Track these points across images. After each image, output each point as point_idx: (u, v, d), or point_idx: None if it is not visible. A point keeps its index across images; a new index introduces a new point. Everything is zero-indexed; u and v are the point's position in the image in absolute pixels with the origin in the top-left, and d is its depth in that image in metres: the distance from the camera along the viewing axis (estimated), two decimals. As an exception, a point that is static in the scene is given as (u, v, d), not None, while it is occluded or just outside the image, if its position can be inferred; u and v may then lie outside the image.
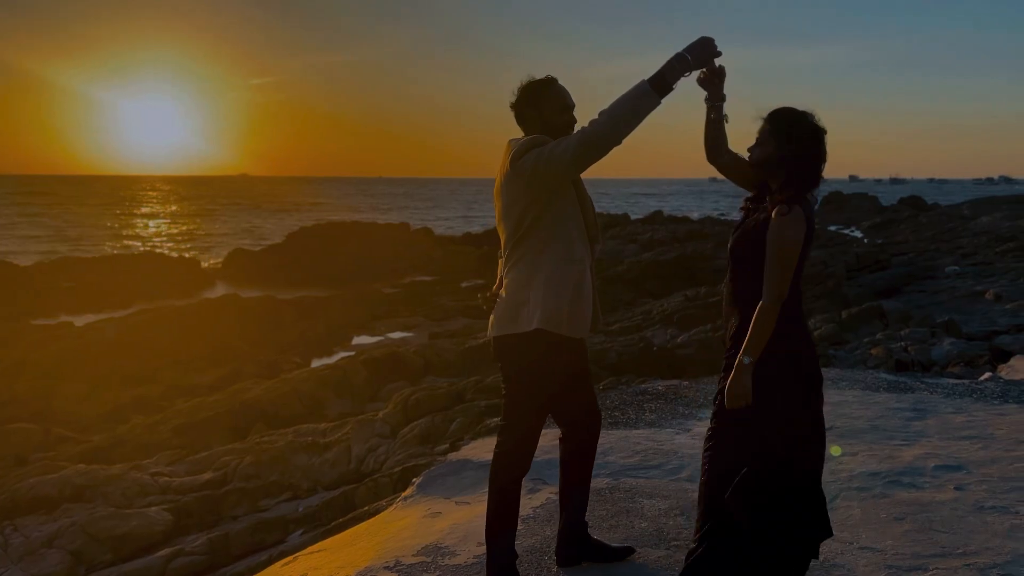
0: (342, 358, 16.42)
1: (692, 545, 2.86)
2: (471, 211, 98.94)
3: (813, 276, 20.79)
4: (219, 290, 28.68)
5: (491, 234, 44.00)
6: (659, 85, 2.86)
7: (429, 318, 22.92)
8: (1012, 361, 7.92)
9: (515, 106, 3.23)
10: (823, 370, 7.41)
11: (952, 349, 12.10)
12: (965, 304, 18.35)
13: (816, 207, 2.88)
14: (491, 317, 3.27)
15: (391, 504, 5.24)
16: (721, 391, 2.80)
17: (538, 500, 4.39)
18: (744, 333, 2.74)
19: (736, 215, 3.02)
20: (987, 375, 7.01)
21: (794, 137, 2.76)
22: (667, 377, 9.02)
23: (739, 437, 2.76)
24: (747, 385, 2.69)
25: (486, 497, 4.84)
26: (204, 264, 36.56)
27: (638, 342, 11.06)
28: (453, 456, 5.56)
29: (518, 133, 3.25)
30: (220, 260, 38.07)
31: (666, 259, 26.19)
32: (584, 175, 3.21)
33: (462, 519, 4.39)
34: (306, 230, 38.09)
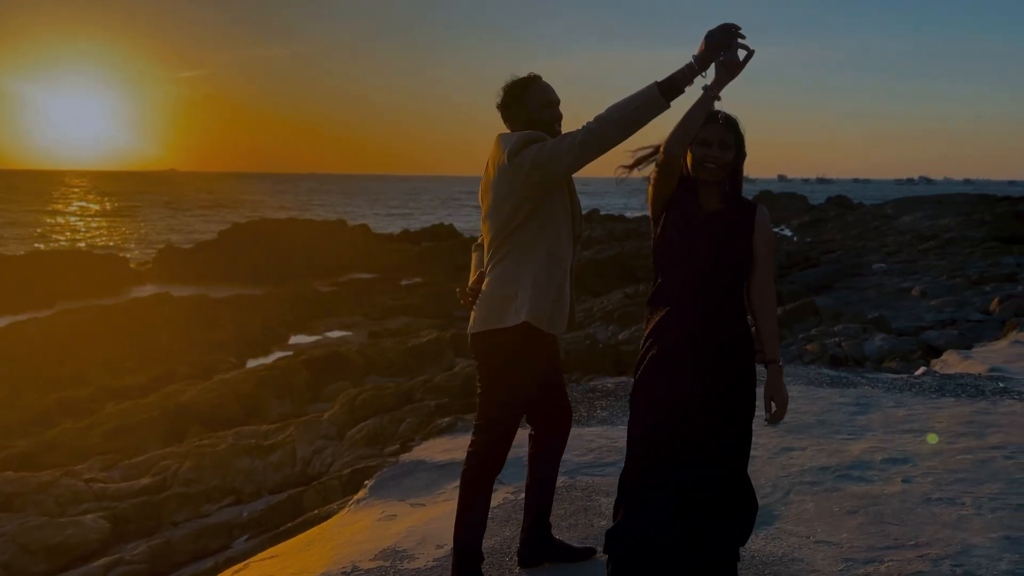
0: (280, 358, 16.12)
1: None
2: (408, 208, 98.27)
3: (748, 273, 21.17)
4: (149, 289, 27.83)
5: (429, 232, 43.76)
6: (668, 88, 2.81)
7: (368, 317, 22.65)
8: (944, 356, 8.19)
9: (501, 106, 3.24)
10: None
11: (883, 345, 12.46)
12: (892, 301, 18.94)
13: None
14: (472, 313, 3.23)
15: (343, 507, 5.15)
16: (718, 395, 2.80)
17: (496, 500, 4.36)
18: (738, 339, 2.79)
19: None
20: (922, 370, 7.24)
21: (743, 144, 2.85)
22: (612, 374, 9.07)
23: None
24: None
25: (441, 499, 4.83)
26: (132, 262, 35.45)
27: (584, 339, 11.13)
28: (405, 457, 5.49)
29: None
30: (149, 258, 36.97)
31: (604, 257, 26.42)
32: None
33: (418, 522, 4.33)
34: (239, 227, 37.29)
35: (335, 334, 21.48)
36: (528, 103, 3.17)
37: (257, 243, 34.48)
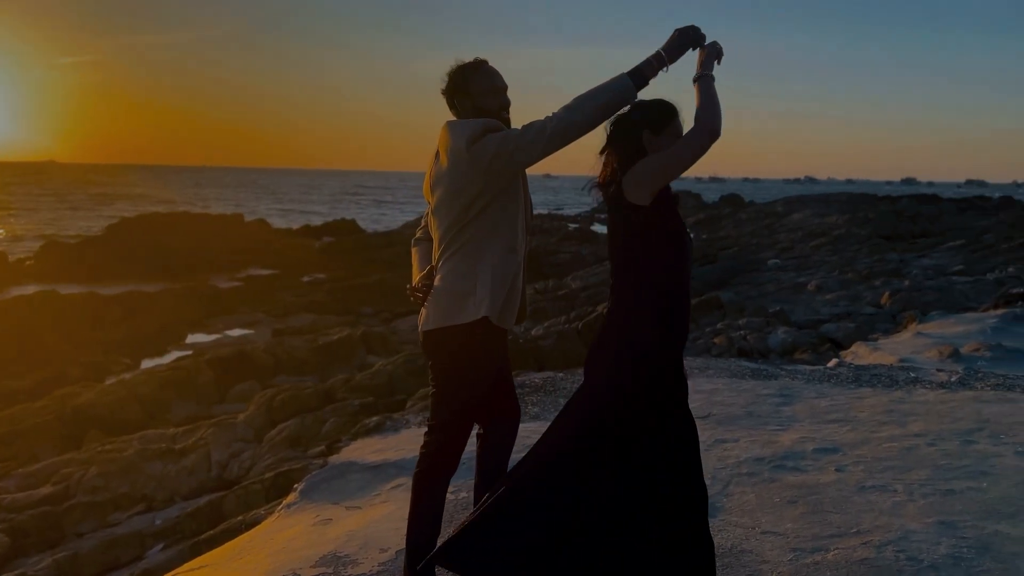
0: (181, 358, 15.49)
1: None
2: (306, 202, 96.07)
3: (653, 269, 21.63)
4: (32, 287, 26.24)
5: (331, 227, 42.88)
6: (638, 79, 2.80)
7: (271, 314, 21.99)
8: (854, 348, 8.51)
9: (445, 92, 3.13)
10: (689, 359, 7.65)
11: (787, 337, 12.89)
12: (789, 295, 19.64)
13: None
14: (423, 310, 3.12)
15: (272, 512, 4.94)
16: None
17: (438, 501, 4.24)
18: None
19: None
20: (834, 361, 7.49)
21: None
22: (535, 368, 9.06)
23: None
24: None
25: (378, 501, 4.69)
26: (12, 258, 33.40)
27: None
28: (335, 459, 5.32)
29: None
30: (31, 253, 34.90)
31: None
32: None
33: (357, 525, 4.19)
34: (129, 221, 35.70)
35: (236, 332, 20.76)
36: (474, 89, 3.07)
37: (148, 238, 33.06)
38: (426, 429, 3.21)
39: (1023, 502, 3.91)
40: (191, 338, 20.15)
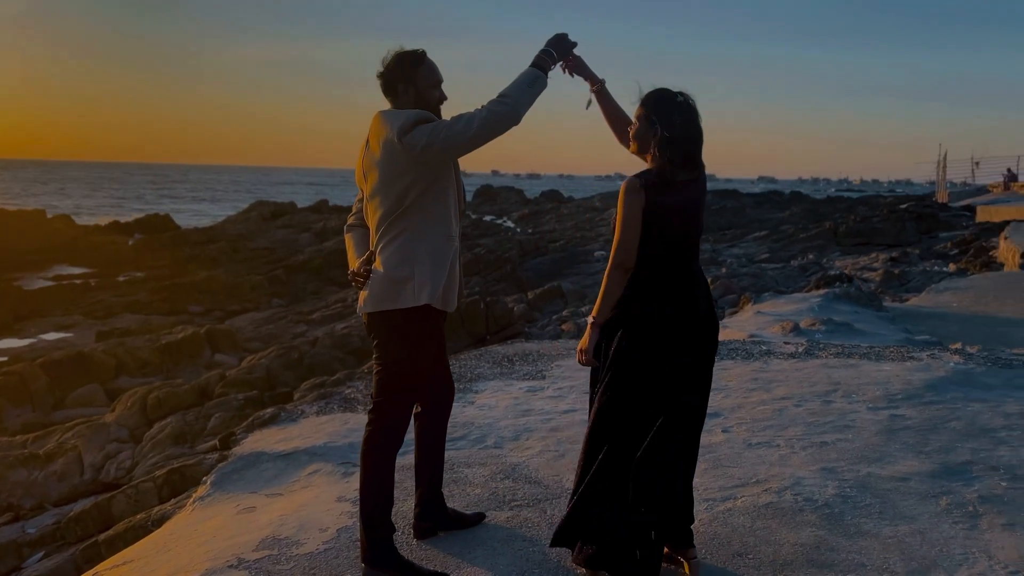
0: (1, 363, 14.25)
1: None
2: (108, 197, 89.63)
3: (492, 261, 22.17)
4: None
5: (143, 223, 40.44)
6: (545, 73, 3.11)
7: (90, 316, 20.54)
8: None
9: (385, 76, 3.21)
10: (547, 343, 8.00)
11: (628, 322, 13.72)
12: (620, 284, 20.73)
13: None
14: (363, 293, 3.24)
15: (181, 507, 4.83)
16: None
17: (368, 481, 4.35)
18: None
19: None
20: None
21: (665, 118, 2.94)
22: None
23: None
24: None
25: (298, 486, 4.74)
26: None
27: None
28: (239, 451, 5.26)
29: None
30: None
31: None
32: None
33: (287, 510, 4.23)
34: (-92, 218, 32.17)
35: (52, 336, 19.25)
36: (421, 81, 3.19)
37: (-66, 236, 29.95)
38: (370, 407, 3.33)
39: (884, 448, 4.55)
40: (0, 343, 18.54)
